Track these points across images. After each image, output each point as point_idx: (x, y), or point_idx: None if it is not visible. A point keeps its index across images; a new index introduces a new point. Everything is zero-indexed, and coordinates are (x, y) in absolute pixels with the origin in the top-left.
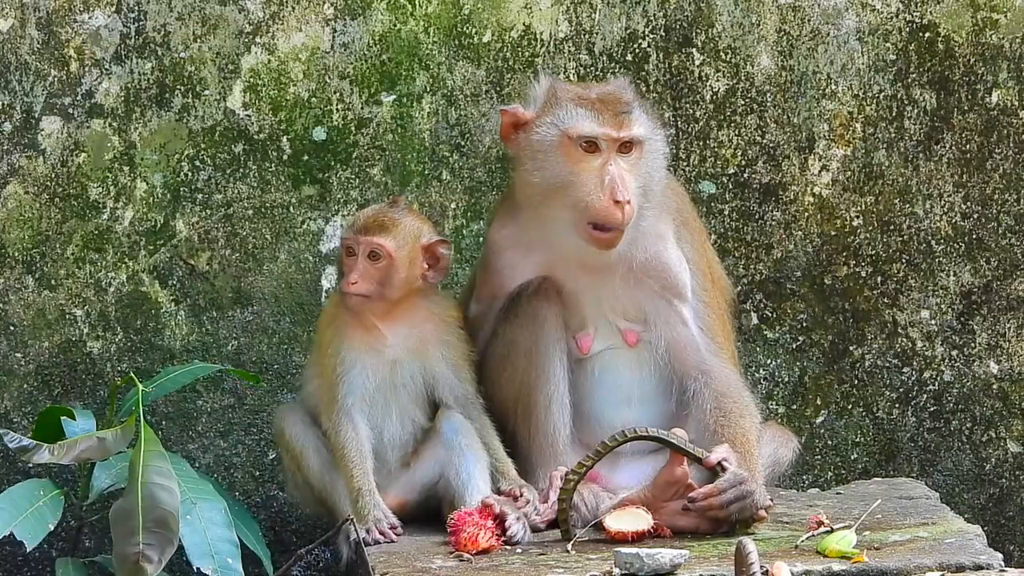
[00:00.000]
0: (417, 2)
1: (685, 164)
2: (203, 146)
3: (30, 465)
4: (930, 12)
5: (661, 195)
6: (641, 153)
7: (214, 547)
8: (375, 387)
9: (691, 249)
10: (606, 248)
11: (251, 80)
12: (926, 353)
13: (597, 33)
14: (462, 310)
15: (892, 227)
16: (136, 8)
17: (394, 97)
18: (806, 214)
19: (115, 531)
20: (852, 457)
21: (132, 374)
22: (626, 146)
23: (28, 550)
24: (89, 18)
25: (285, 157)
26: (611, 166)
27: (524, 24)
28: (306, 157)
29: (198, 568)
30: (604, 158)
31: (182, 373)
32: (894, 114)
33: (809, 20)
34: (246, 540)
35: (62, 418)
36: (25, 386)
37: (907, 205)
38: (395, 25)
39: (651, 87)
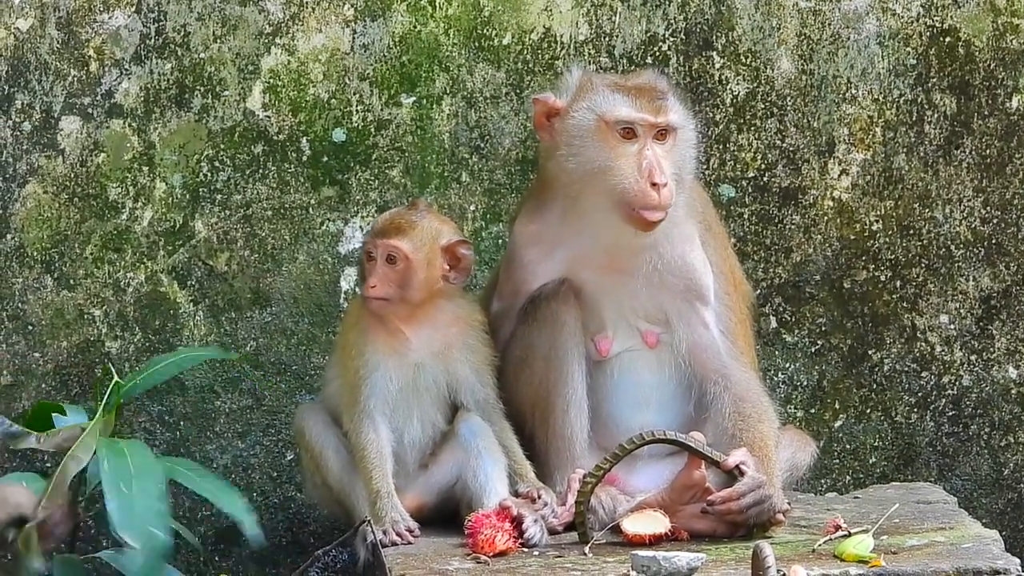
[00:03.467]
0: (437, 4)
1: (705, 168)
2: (222, 147)
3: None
4: (951, 17)
5: (689, 193)
6: (676, 141)
7: (141, 518)
8: (397, 390)
9: (714, 252)
10: (646, 229)
11: (271, 81)
12: (945, 358)
13: (617, 36)
14: (485, 310)
15: (911, 231)
16: (156, 8)
17: (414, 99)
18: (825, 218)
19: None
20: (870, 461)
21: (109, 364)
22: (662, 133)
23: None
24: (109, 18)
25: (304, 158)
26: (648, 151)
27: (544, 27)
28: (325, 158)
29: (119, 537)
30: (641, 144)
31: (168, 364)
32: (914, 118)
33: (829, 24)
34: (228, 508)
35: (54, 415)
36: (43, 386)
37: (927, 210)
38: (415, 27)
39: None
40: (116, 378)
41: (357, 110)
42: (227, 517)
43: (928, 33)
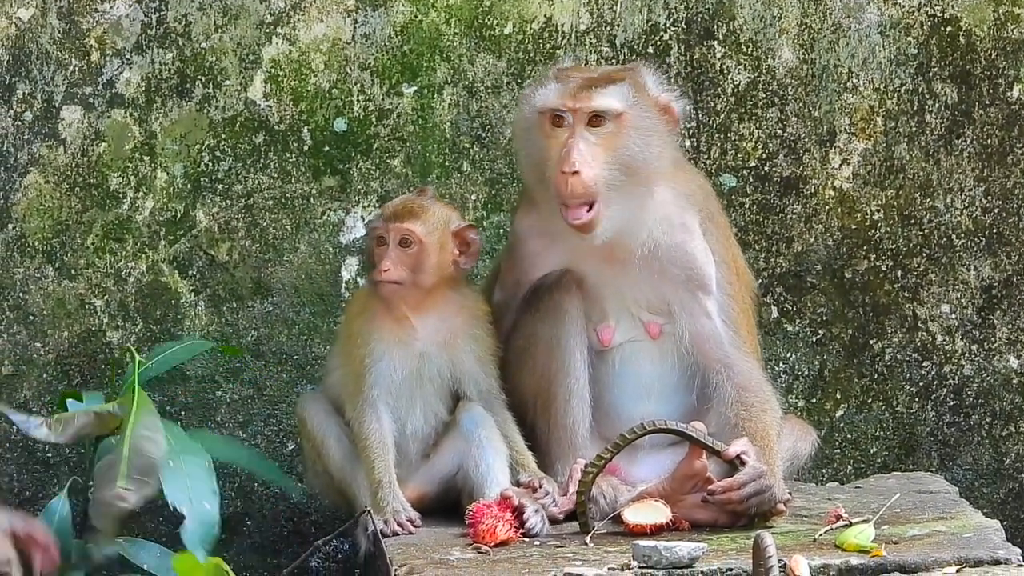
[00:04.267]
0: None
1: (706, 157)
2: (224, 136)
3: (41, 443)
4: (952, 6)
5: (671, 181)
6: (618, 128)
7: (192, 492)
8: (401, 379)
9: (716, 242)
10: (583, 232)
11: (272, 71)
12: (946, 347)
13: (618, 25)
14: (487, 301)
15: (913, 221)
16: None
17: (415, 88)
18: (827, 208)
19: (97, 483)
20: (871, 451)
21: (130, 347)
22: (596, 119)
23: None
24: (110, 8)
25: (306, 148)
26: (572, 138)
27: (545, 16)
28: (327, 148)
29: (174, 507)
30: (570, 131)
31: (180, 350)
32: (915, 108)
33: (831, 13)
34: (270, 477)
35: (68, 400)
36: (45, 376)
37: (928, 199)
38: (416, 16)
39: (672, 79)
40: (139, 357)
41: (358, 100)
42: (230, 503)
43: (929, 22)
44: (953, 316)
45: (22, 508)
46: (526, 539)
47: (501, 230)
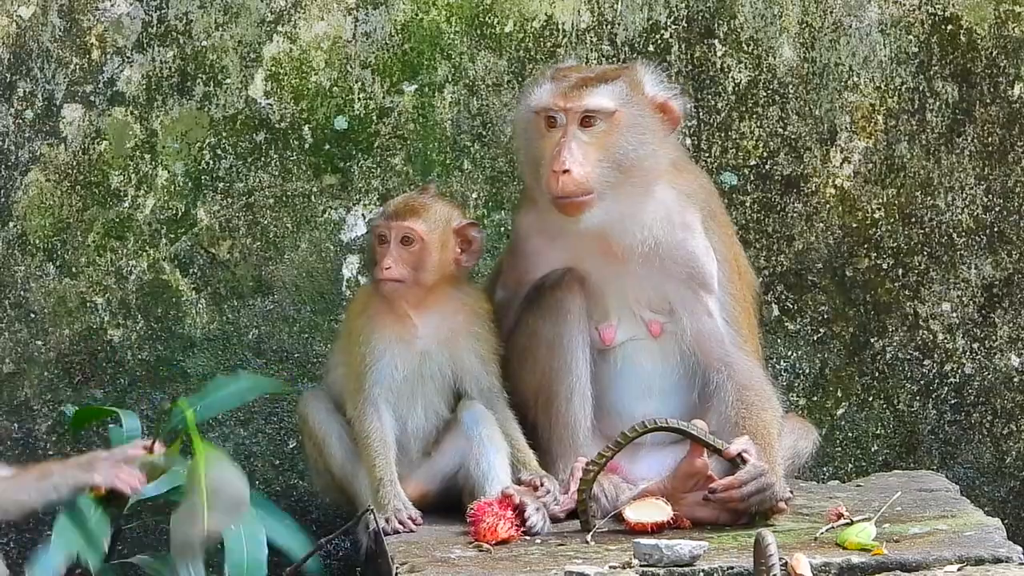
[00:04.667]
0: None
1: (707, 155)
2: (224, 135)
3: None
4: (952, 4)
5: (672, 180)
6: (611, 127)
7: (249, 566)
8: (403, 377)
9: (718, 240)
10: (569, 214)
11: (273, 69)
12: (947, 346)
13: (619, 24)
14: (488, 299)
15: (913, 219)
16: None
17: (416, 87)
18: (827, 206)
19: (175, 532)
20: (872, 449)
21: (182, 401)
22: (588, 118)
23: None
24: (111, 6)
25: (306, 146)
26: (564, 138)
27: (546, 14)
28: (327, 146)
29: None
30: (563, 131)
31: (231, 394)
32: (916, 106)
33: (831, 12)
34: (294, 549)
35: (102, 420)
36: (46, 374)
37: (928, 198)
38: (417, 14)
39: (673, 78)
40: (188, 409)
41: (359, 98)
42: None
43: (930, 21)
44: (954, 314)
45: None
46: (527, 537)
47: (502, 228)
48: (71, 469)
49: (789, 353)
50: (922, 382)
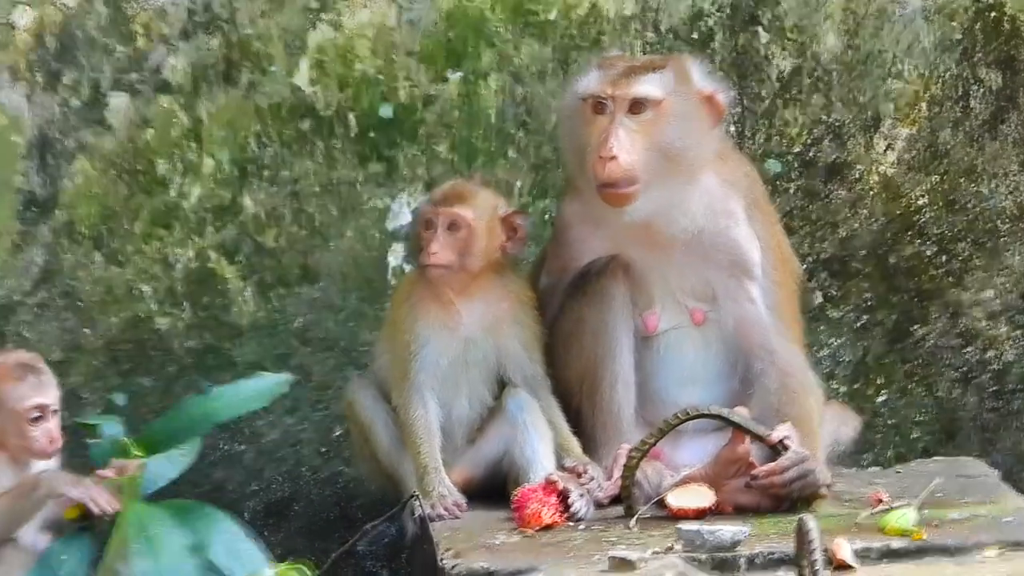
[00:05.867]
0: None
1: (751, 143)
2: (270, 123)
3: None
4: None
5: (732, 169)
6: (657, 115)
7: None
8: (447, 365)
9: (761, 228)
10: (615, 204)
11: (318, 57)
12: (989, 332)
13: (663, 11)
14: (533, 286)
15: (957, 206)
16: None
17: (460, 74)
18: (871, 193)
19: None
20: (913, 436)
21: (127, 442)
22: (636, 106)
23: None
24: None
25: (352, 134)
26: (611, 125)
27: (591, 2)
28: (372, 134)
29: None
30: (610, 118)
31: (254, 395)
32: (960, 93)
33: None
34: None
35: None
36: (95, 362)
37: (972, 184)
38: (461, 2)
39: (717, 65)
40: (140, 460)
41: (404, 86)
42: (278, 488)
43: (974, 8)
44: (997, 301)
45: None
46: (571, 523)
47: (547, 216)
48: (58, 482)
49: (831, 340)
50: (963, 369)
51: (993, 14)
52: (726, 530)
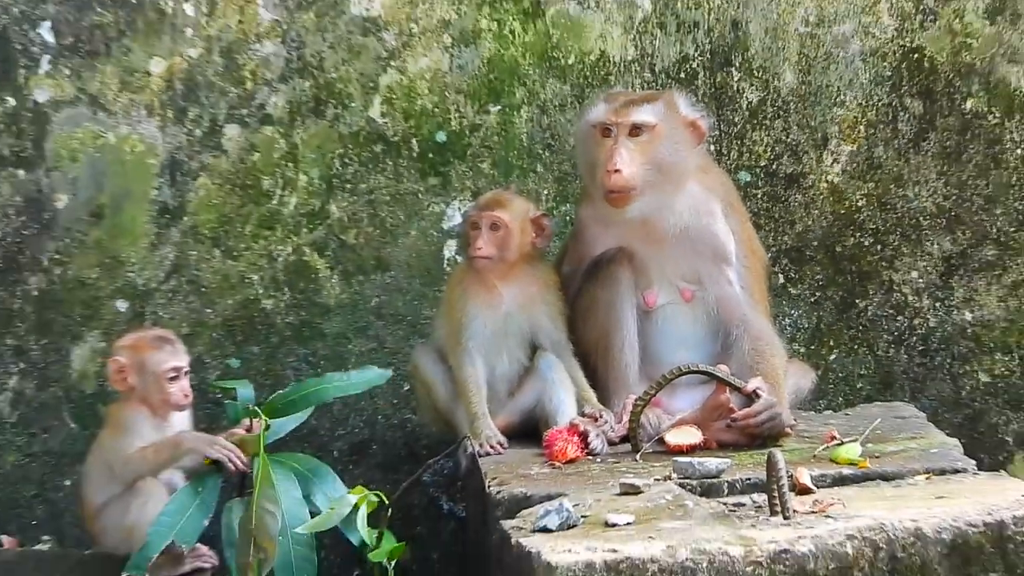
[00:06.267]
0: (516, 33)
1: (726, 158)
2: (350, 147)
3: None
4: (918, 38)
5: (712, 179)
6: (652, 137)
7: (296, 565)
8: (491, 334)
9: (736, 224)
10: (617, 206)
11: (387, 95)
12: (915, 305)
13: (657, 56)
14: (557, 272)
15: (888, 207)
16: (297, 39)
17: (499, 107)
18: (821, 197)
19: (240, 537)
20: (858, 386)
21: (255, 408)
22: (635, 130)
23: (184, 551)
24: (260, 47)
25: (414, 155)
26: (616, 145)
27: (600, 49)
28: (430, 155)
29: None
30: (615, 140)
31: (355, 382)
32: (890, 118)
33: (823, 44)
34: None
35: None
36: (214, 335)
37: (900, 189)
38: (499, 51)
39: (700, 98)
40: (265, 420)
41: (455, 117)
42: (360, 432)
43: (900, 51)
44: (920, 280)
45: None
46: (590, 457)
47: (567, 218)
48: (198, 442)
49: (792, 312)
50: (896, 333)
51: (916, 55)
52: (712, 462)
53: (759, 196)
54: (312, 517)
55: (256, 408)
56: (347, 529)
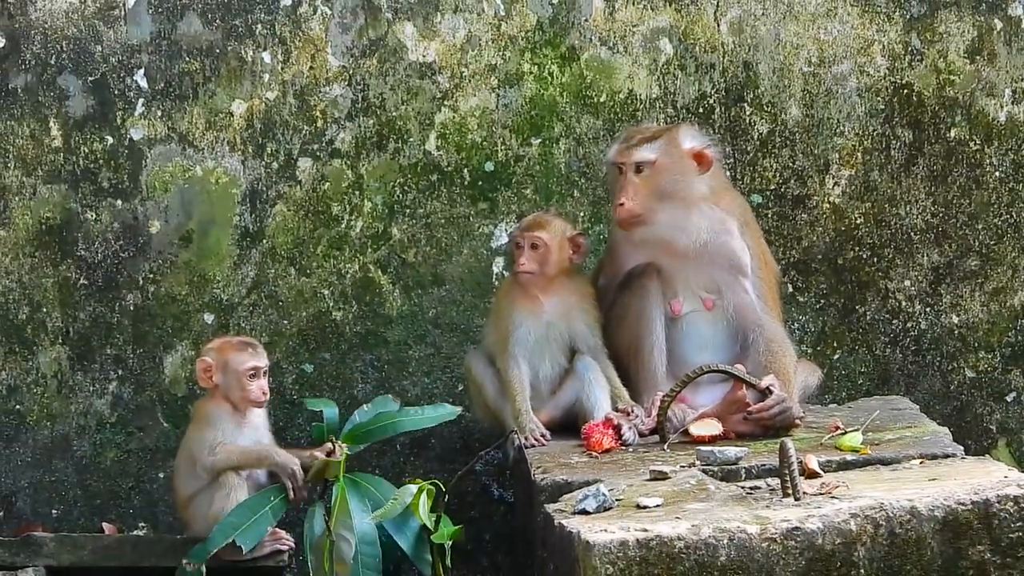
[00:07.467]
0: (555, 75)
1: (741, 183)
2: (409, 176)
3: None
4: (907, 75)
5: (729, 200)
6: (654, 172)
7: (363, 562)
8: (535, 340)
9: (751, 240)
10: (626, 231)
11: (441, 130)
12: (908, 310)
13: (679, 94)
14: (593, 285)
15: (883, 224)
16: (362, 82)
17: (540, 140)
18: (824, 216)
19: (313, 556)
20: (859, 382)
21: (338, 443)
22: (639, 167)
23: (244, 553)
24: (329, 89)
25: (466, 183)
26: (623, 181)
27: (628, 88)
28: (480, 183)
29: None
30: (624, 176)
31: (428, 416)
32: (884, 146)
33: (824, 82)
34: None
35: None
36: (290, 343)
37: (894, 209)
38: (540, 91)
39: (716, 131)
40: (345, 449)
41: (501, 149)
42: (420, 429)
43: (892, 87)
44: (912, 288)
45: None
46: (623, 447)
47: (601, 236)
48: (280, 465)
49: (800, 317)
50: (892, 335)
51: (905, 91)
52: (731, 450)
53: (770, 216)
54: (380, 544)
55: (336, 441)
56: (398, 525)
